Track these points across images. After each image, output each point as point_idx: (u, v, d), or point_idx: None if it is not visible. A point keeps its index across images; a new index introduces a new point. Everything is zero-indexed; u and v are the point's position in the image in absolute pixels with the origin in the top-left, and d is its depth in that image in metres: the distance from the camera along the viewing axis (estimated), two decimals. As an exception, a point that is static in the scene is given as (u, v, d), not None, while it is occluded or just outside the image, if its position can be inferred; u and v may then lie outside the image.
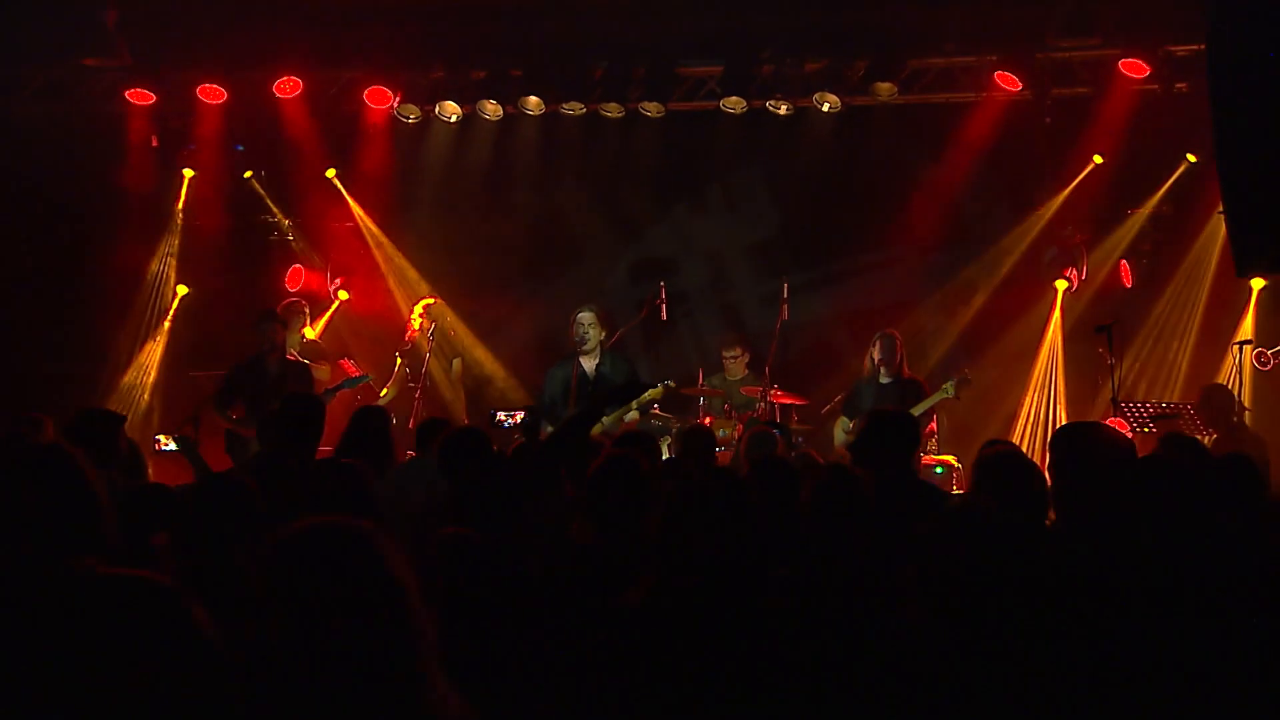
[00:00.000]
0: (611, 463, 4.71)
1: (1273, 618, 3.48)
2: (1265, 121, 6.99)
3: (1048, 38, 11.24)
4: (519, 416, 8.84)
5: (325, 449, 7.25)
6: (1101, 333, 9.17)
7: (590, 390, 10.53)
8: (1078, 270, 12.19)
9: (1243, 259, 7.38)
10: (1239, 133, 7.08)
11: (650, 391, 10.09)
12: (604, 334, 10.70)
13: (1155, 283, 12.10)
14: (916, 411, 10.57)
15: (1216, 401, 9.88)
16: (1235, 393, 10.36)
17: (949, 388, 10.51)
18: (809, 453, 8.69)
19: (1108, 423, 11.13)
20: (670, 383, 10.42)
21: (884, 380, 10.94)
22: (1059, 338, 12.04)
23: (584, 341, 10.55)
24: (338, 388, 10.88)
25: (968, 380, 10.59)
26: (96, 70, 13.10)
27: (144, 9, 12.13)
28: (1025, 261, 12.56)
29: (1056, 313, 12.03)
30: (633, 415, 10.20)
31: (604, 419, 10.26)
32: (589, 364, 10.67)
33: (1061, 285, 12.24)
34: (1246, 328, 11.43)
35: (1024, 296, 12.47)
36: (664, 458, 10.45)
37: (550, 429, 10.51)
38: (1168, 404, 10.32)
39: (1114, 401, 9.07)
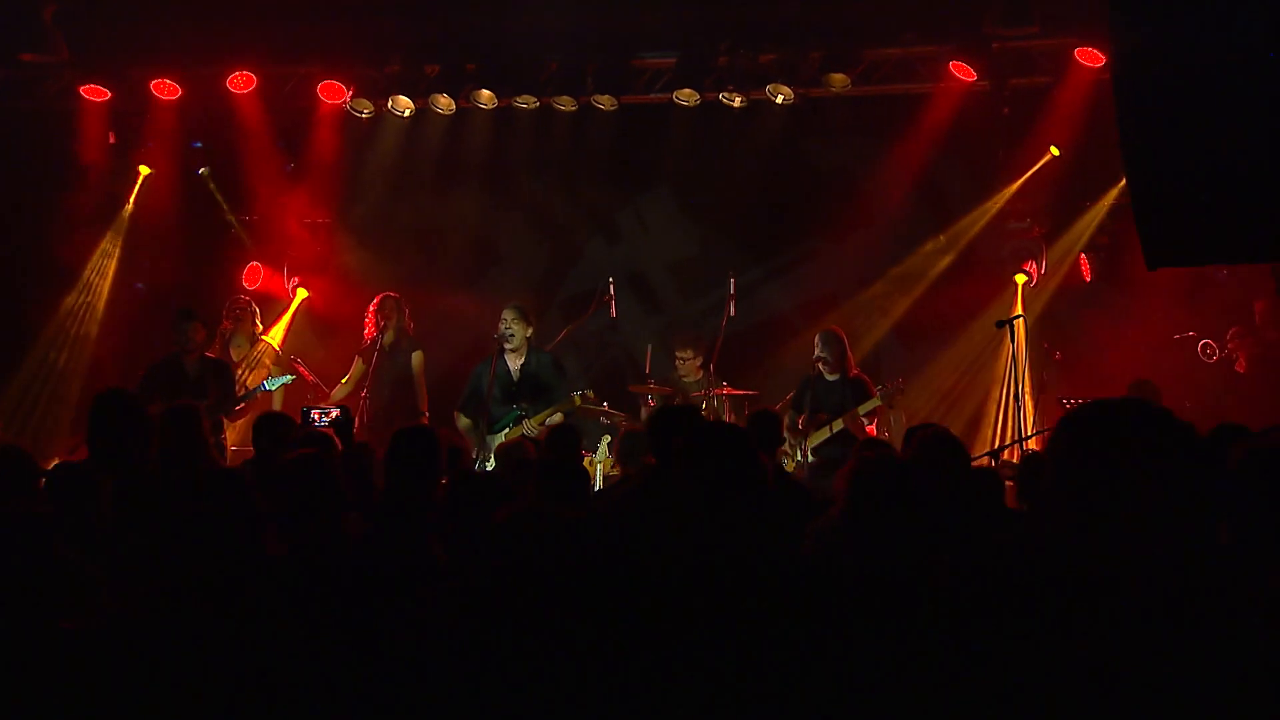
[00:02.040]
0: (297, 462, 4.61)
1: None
2: (1168, 113, 6.75)
3: (985, 26, 10.96)
4: (334, 414, 8.65)
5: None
6: (1002, 328, 8.88)
7: (513, 388, 10.36)
8: (1037, 264, 11.92)
9: (1151, 252, 7.14)
10: (1142, 125, 6.84)
11: (564, 404, 10.01)
12: (530, 331, 10.50)
13: (1114, 276, 11.80)
14: (861, 412, 10.44)
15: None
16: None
17: (882, 394, 10.39)
18: None
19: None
20: (589, 393, 10.26)
21: (829, 378, 10.75)
22: (1020, 333, 11.77)
23: (507, 339, 10.38)
24: (252, 392, 10.75)
25: (900, 388, 10.50)
26: (54, 66, 13.00)
27: (84, 3, 11.96)
28: (984, 255, 12.30)
29: (1017, 308, 11.75)
30: (555, 418, 10.01)
31: (529, 421, 10.14)
32: (514, 362, 10.48)
33: (1021, 279, 11.96)
34: None
35: (983, 291, 12.20)
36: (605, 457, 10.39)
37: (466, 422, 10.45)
38: (1069, 399, 10.10)
39: (1016, 398, 8.80)
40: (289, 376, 11.04)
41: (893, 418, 12.38)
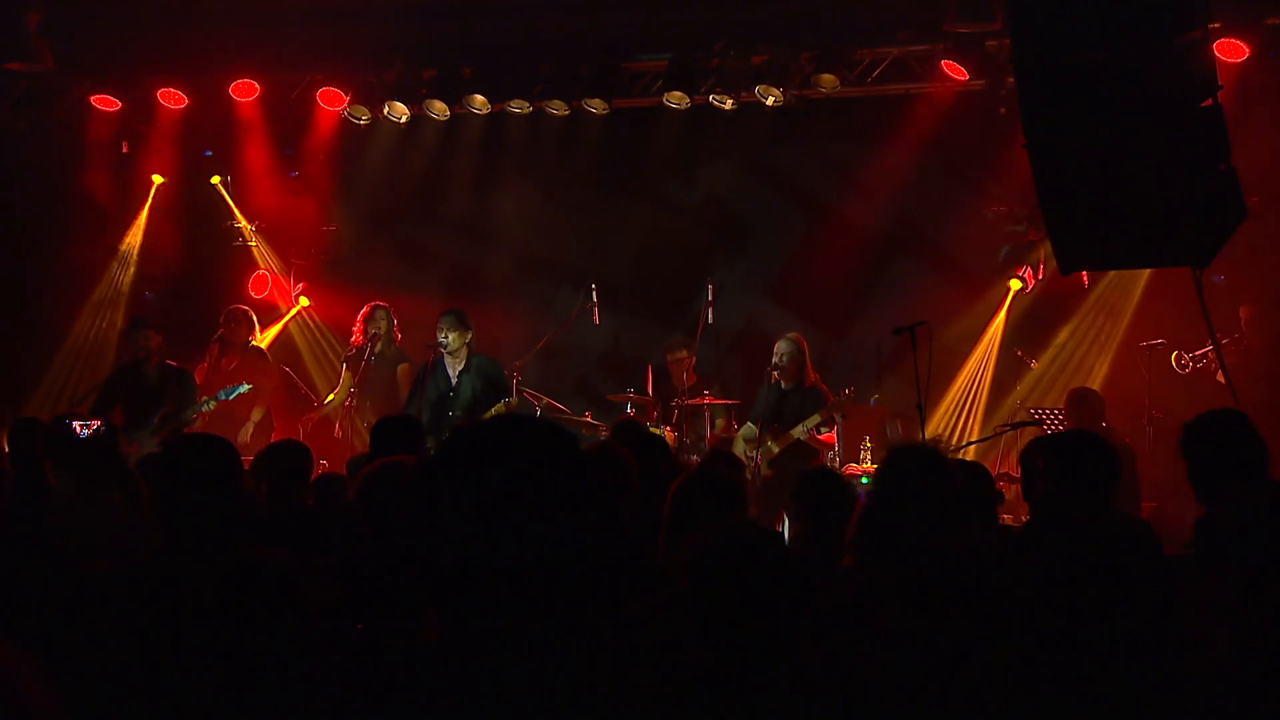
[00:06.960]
0: None
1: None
2: (1071, 116, 6.47)
3: (945, 23, 10.60)
4: (95, 426, 8.51)
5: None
6: (901, 334, 8.52)
7: (449, 393, 10.33)
8: (1033, 270, 11.52)
9: (1063, 257, 6.86)
10: (1048, 129, 6.56)
11: (494, 409, 9.91)
12: (469, 337, 10.45)
13: (1107, 282, 11.35)
14: (801, 429, 10.16)
15: (1082, 406, 9.29)
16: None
17: (833, 405, 10.13)
18: None
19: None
20: (511, 400, 10.18)
21: (785, 387, 10.45)
22: (998, 339, 11.42)
23: (444, 345, 10.35)
24: (208, 401, 10.76)
25: (848, 398, 10.27)
26: (72, 78, 13.20)
27: (69, 12, 12.12)
28: (977, 260, 11.93)
29: (1001, 314, 11.38)
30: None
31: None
32: (453, 368, 10.45)
33: (1015, 285, 11.57)
34: None
35: (976, 296, 11.84)
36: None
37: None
38: (1039, 410, 9.76)
39: (919, 408, 8.44)
40: (245, 386, 11.00)
41: (889, 428, 12.08)
